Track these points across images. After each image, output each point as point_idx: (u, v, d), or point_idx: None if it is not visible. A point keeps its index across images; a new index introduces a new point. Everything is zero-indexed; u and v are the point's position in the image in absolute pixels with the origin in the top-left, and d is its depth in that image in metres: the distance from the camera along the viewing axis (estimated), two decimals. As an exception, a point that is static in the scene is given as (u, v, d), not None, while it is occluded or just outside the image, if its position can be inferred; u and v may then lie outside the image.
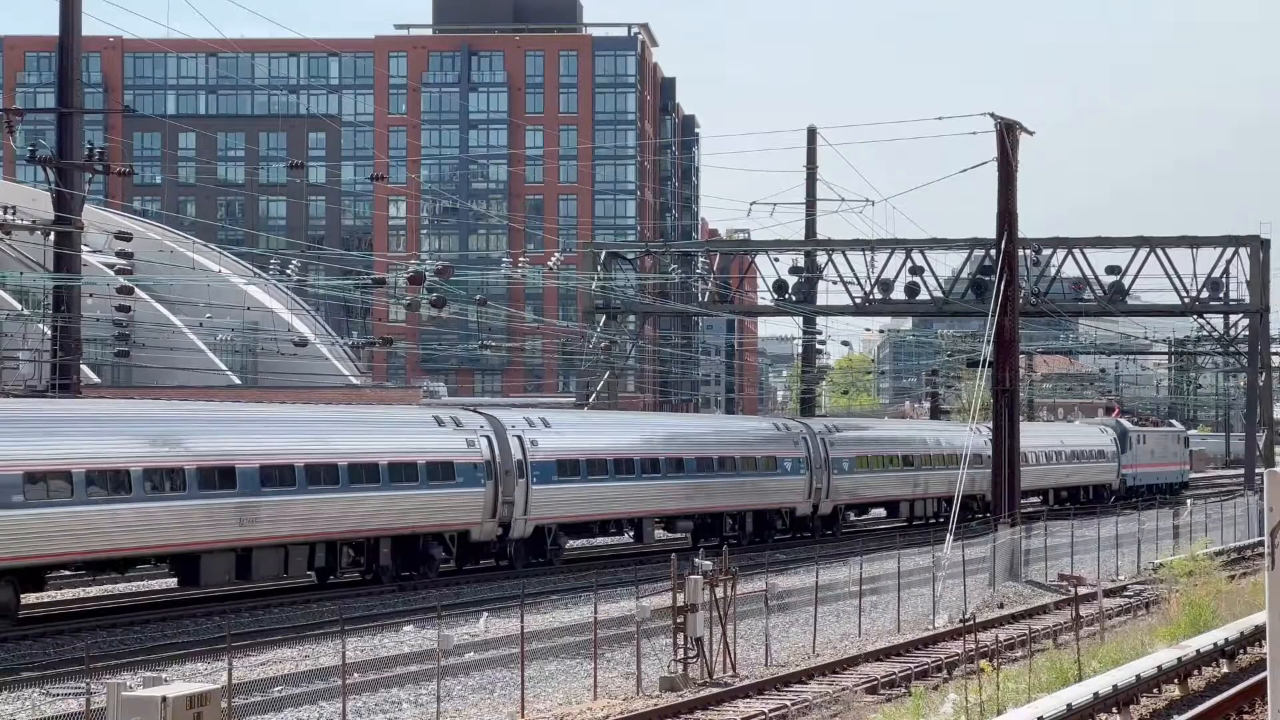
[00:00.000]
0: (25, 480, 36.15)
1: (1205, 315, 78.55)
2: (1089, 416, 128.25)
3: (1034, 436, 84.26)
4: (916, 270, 73.88)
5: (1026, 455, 74.52)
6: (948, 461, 71.47)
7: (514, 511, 50.58)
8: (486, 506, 49.42)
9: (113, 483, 38.31)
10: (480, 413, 52.37)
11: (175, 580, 42.82)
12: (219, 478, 40.90)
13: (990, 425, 54.63)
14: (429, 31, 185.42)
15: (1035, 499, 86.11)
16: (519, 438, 51.20)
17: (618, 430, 58.83)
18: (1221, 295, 74.25)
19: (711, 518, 61.37)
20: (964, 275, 75.27)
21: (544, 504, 51.94)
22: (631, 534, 58.94)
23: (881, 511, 75.55)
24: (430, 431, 48.57)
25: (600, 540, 60.43)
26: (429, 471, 47.25)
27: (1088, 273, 74.54)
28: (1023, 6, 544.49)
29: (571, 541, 55.85)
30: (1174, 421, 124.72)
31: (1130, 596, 47.04)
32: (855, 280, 74.16)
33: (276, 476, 42.41)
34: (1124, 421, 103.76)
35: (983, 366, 55.26)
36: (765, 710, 28.73)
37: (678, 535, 61.43)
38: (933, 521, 68.70)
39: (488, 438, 49.87)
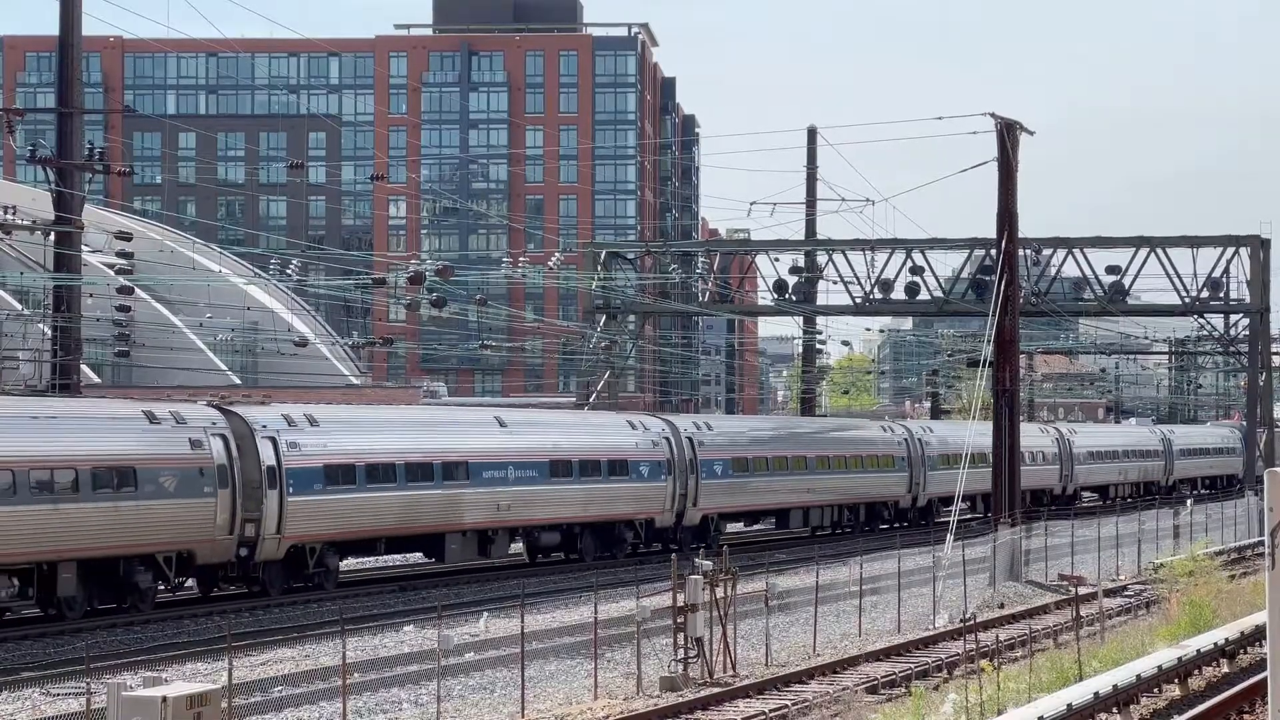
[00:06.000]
0: (733, 462, 62.33)
1: (1205, 315, 78.38)
2: (1091, 416, 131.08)
3: (1189, 437, 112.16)
4: (917, 270, 73.72)
5: (1185, 451, 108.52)
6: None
7: (919, 489, 75.10)
8: (908, 483, 74.78)
9: (761, 465, 64.15)
10: (901, 424, 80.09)
11: (774, 523, 69.04)
12: (800, 463, 66.75)
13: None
14: (429, 31, 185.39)
15: (1185, 487, 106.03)
16: (920, 440, 75.72)
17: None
18: (1222, 295, 74.08)
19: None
20: (964, 275, 75.18)
21: (931, 484, 77.08)
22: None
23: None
24: (880, 436, 74.72)
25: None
26: (883, 462, 72.90)
27: (1088, 272, 74.44)
28: (1023, 7, 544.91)
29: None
30: None
31: (1130, 596, 47.03)
32: (855, 280, 74.03)
33: (823, 463, 68.43)
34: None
35: (983, 366, 55.22)
36: (765, 710, 28.72)
37: None
38: None
39: (905, 440, 75.00)
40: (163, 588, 41.78)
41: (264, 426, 43.92)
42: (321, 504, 44.83)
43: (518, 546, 54.71)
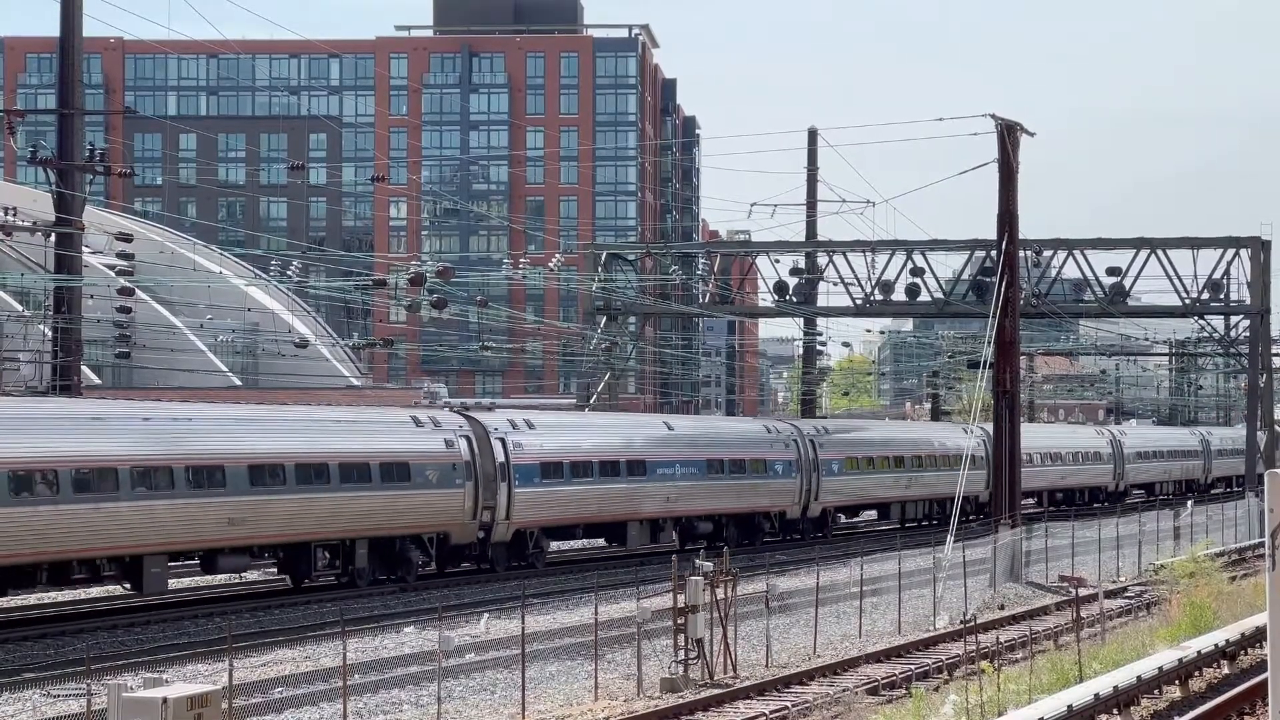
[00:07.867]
0: (847, 462, 69.50)
1: (1206, 316, 78.34)
2: (1090, 418, 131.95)
3: (1225, 438, 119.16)
4: (917, 271, 73.65)
5: (1221, 451, 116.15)
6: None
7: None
8: (986, 480, 74.72)
9: (868, 463, 71.23)
10: (980, 427, 78.34)
11: (875, 514, 76.89)
12: (899, 463, 73.53)
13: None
14: (430, 33, 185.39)
15: (1222, 484, 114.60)
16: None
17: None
18: (1222, 296, 74.01)
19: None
20: (965, 276, 75.11)
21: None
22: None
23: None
24: (963, 438, 76.82)
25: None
26: (948, 459, 77.10)
27: (1088, 274, 74.39)
28: (1023, 7, 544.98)
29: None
30: None
31: (1131, 597, 47.01)
32: (856, 281, 73.97)
33: (917, 462, 75.03)
34: None
35: (983, 368, 55.23)
36: (766, 711, 28.74)
37: None
38: None
39: (984, 441, 73.67)
40: (423, 561, 48.80)
41: (495, 429, 51.27)
42: (539, 495, 52.23)
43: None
